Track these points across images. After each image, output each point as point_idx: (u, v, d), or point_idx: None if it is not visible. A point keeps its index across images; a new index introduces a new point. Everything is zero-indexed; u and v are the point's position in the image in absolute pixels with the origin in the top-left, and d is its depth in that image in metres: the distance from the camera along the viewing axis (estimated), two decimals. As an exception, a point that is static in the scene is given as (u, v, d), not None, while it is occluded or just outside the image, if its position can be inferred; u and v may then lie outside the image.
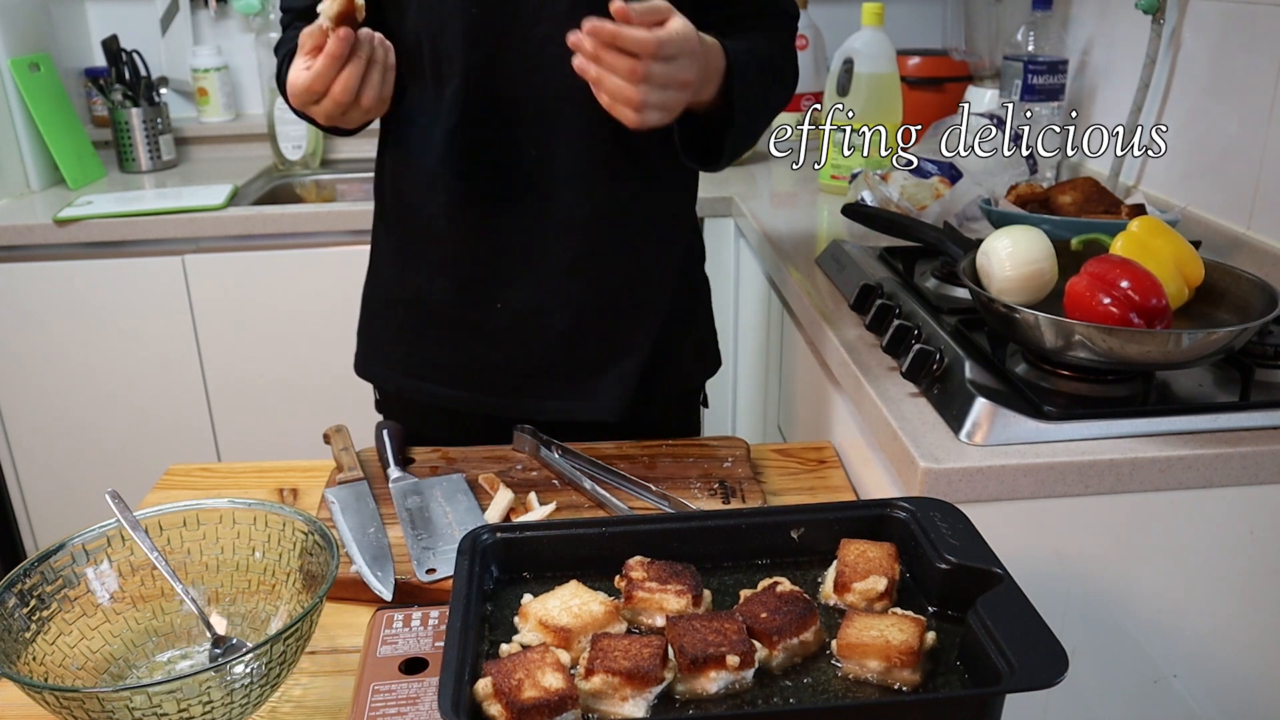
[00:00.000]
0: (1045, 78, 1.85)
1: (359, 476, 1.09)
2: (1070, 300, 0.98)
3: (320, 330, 2.06)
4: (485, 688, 0.62)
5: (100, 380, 2.09)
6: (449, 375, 1.25)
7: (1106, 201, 1.42)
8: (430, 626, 0.82)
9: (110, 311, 2.04)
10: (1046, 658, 0.61)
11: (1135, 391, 1.00)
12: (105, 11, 2.51)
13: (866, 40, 1.86)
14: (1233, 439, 0.95)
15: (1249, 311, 1.03)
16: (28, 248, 1.99)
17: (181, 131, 2.46)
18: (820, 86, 2.27)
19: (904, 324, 1.12)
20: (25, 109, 2.15)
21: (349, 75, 0.98)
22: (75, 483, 2.16)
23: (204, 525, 0.87)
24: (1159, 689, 1.02)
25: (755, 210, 1.85)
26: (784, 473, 1.15)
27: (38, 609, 0.79)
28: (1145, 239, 1.05)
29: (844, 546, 0.75)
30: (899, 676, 0.65)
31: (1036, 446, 0.94)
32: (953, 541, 0.73)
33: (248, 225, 2.01)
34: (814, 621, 0.68)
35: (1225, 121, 1.49)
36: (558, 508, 1.04)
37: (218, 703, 0.71)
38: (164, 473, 1.17)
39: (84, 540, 0.84)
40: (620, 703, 0.62)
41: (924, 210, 1.59)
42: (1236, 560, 0.98)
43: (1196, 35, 1.56)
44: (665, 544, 0.76)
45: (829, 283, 1.40)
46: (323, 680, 0.84)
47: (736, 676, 0.64)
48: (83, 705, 0.68)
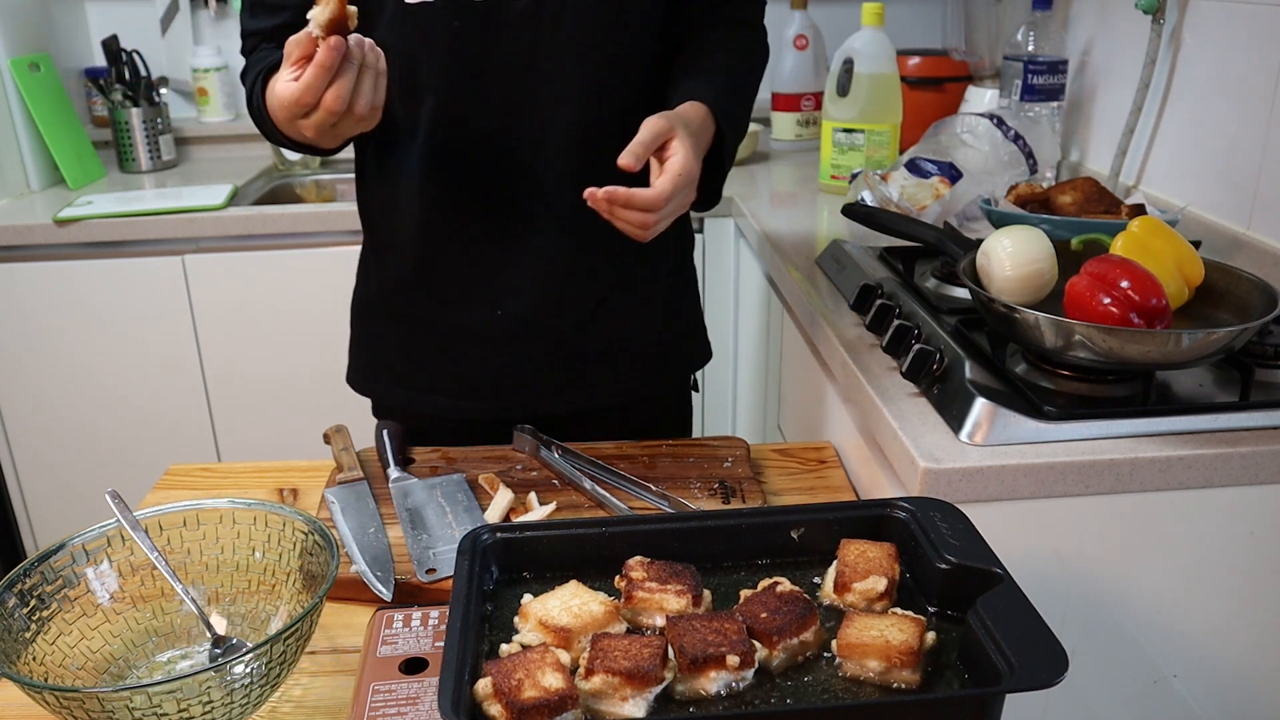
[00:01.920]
0: (1045, 78, 1.85)
1: (359, 476, 1.09)
2: (1070, 300, 0.98)
3: (320, 330, 2.06)
4: (485, 688, 0.62)
5: (100, 380, 2.09)
6: (452, 385, 1.26)
7: (1106, 201, 1.42)
8: (430, 626, 0.82)
9: (110, 311, 2.04)
10: (1046, 658, 0.61)
11: (1135, 391, 1.00)
12: (105, 11, 2.51)
13: (866, 40, 1.86)
14: (1233, 439, 0.95)
15: (1249, 311, 1.03)
16: (28, 248, 1.99)
17: (181, 131, 2.46)
18: (820, 86, 2.27)
19: (904, 324, 1.12)
20: (25, 109, 2.15)
21: (342, 84, 0.92)
22: (75, 483, 2.16)
23: (204, 525, 0.87)
24: (1159, 689, 1.02)
25: (755, 210, 1.85)
26: (784, 473, 1.15)
27: (38, 609, 0.79)
28: (1145, 239, 1.05)
29: (844, 546, 0.75)
30: (899, 676, 0.65)
31: (1036, 446, 0.94)
32: (953, 541, 0.73)
33: (248, 225, 2.01)
34: (814, 621, 0.68)
35: (1225, 121, 1.49)
36: (558, 508, 1.04)
37: (218, 703, 0.71)
38: (164, 473, 1.18)
39: (84, 540, 0.84)
40: (620, 703, 0.62)
41: (924, 210, 1.59)
42: (1236, 560, 0.98)
43: (1196, 35, 1.56)
44: (665, 544, 0.76)
45: (829, 283, 1.40)
46: (323, 680, 0.84)
47: (736, 676, 0.64)
48: (83, 705, 0.68)
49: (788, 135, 2.35)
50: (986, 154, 1.67)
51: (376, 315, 1.29)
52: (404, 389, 1.28)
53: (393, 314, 1.26)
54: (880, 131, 1.88)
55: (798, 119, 2.32)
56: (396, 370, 1.28)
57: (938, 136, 1.73)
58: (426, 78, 1.12)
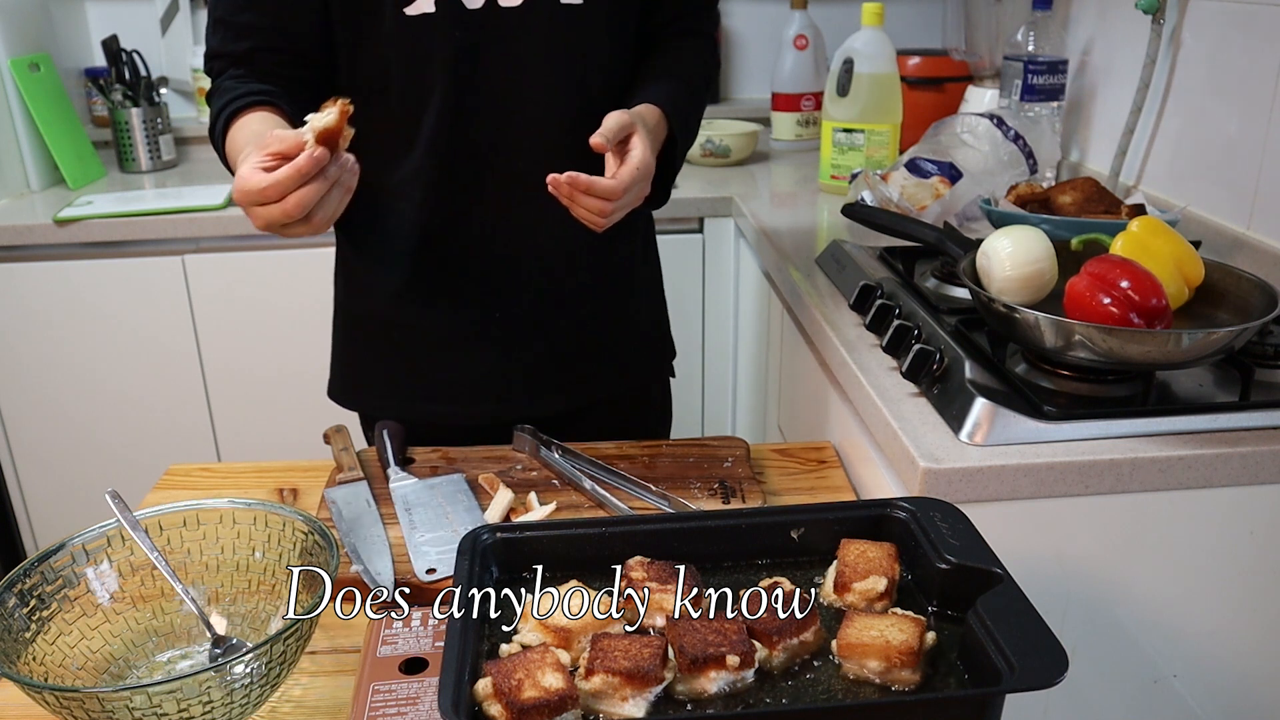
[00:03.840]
0: (1045, 78, 1.85)
1: (359, 476, 1.09)
2: (1070, 300, 0.98)
3: (320, 330, 2.05)
4: (485, 688, 0.62)
5: (100, 380, 2.09)
6: (444, 392, 1.25)
7: (1106, 201, 1.42)
8: (430, 626, 0.82)
9: (110, 311, 2.04)
10: (1046, 658, 0.61)
11: (1135, 391, 1.00)
12: (105, 11, 2.51)
13: (866, 40, 1.86)
14: (1233, 439, 0.95)
15: (1249, 311, 1.03)
16: (28, 248, 1.99)
17: (181, 131, 2.46)
18: (820, 86, 2.27)
19: (904, 324, 1.12)
20: (25, 109, 2.15)
21: (309, 192, 0.86)
22: (75, 483, 2.16)
23: (204, 525, 0.87)
24: (1159, 689, 1.02)
25: (755, 210, 1.85)
26: (784, 473, 1.15)
27: (38, 609, 0.79)
28: (1145, 239, 1.05)
29: (844, 546, 0.75)
30: (899, 676, 0.65)
31: (1036, 446, 0.94)
32: (953, 541, 0.73)
33: (248, 225, 1.99)
34: (814, 621, 0.68)
35: (1225, 121, 1.49)
36: (558, 508, 1.04)
37: (218, 703, 0.71)
38: (164, 473, 1.17)
39: (84, 540, 0.84)
40: (620, 703, 0.62)
41: (924, 210, 1.59)
42: (1236, 560, 0.98)
43: (1196, 35, 1.56)
44: (665, 544, 0.76)
45: (829, 283, 1.40)
46: (323, 680, 0.84)
47: (736, 676, 0.64)
48: (83, 705, 0.68)
49: (788, 135, 2.35)
50: (986, 154, 1.67)
51: (363, 327, 1.28)
52: (395, 400, 1.26)
53: (382, 324, 1.25)
54: (880, 131, 1.88)
55: (798, 119, 2.32)
56: (383, 381, 1.27)
57: (938, 136, 1.73)
58: (430, 87, 1.11)
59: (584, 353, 1.27)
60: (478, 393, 1.25)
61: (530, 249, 1.20)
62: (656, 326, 1.39)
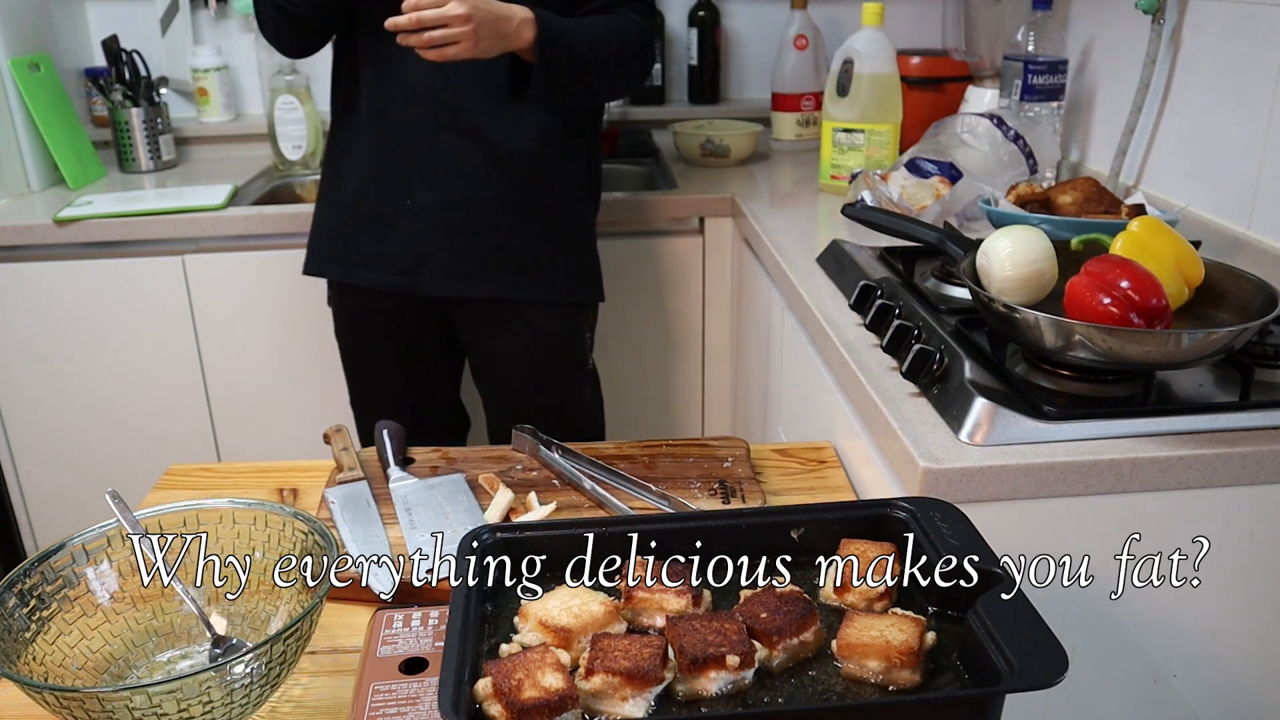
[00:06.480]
0: (1045, 78, 1.85)
1: (359, 476, 1.09)
2: (1070, 300, 0.98)
3: (320, 330, 2.06)
4: (485, 688, 0.62)
5: (100, 380, 2.09)
6: (370, 261, 1.59)
7: (1106, 201, 1.42)
8: (430, 626, 0.82)
9: (110, 311, 2.04)
10: (1046, 658, 0.61)
11: (1135, 391, 1.00)
12: (105, 11, 2.51)
13: (866, 40, 1.86)
14: (1233, 439, 0.95)
15: (1249, 311, 1.03)
16: (28, 248, 1.99)
17: (181, 131, 2.46)
18: (820, 86, 2.27)
19: (904, 324, 1.12)
20: (25, 109, 2.15)
21: None
22: (75, 483, 2.16)
23: (204, 525, 0.87)
24: (1159, 689, 1.02)
25: (755, 210, 1.85)
26: (784, 473, 1.15)
27: (38, 609, 0.79)
28: (1145, 239, 1.05)
29: (844, 546, 0.75)
30: (899, 677, 0.65)
31: (1036, 446, 0.94)
32: (953, 541, 0.73)
33: (248, 225, 2.01)
34: (814, 621, 0.68)
35: (1225, 121, 1.49)
36: (558, 508, 1.04)
37: (218, 703, 0.71)
38: (164, 473, 1.17)
39: (84, 540, 0.84)
40: (620, 703, 0.62)
41: (924, 210, 1.59)
42: (1236, 560, 0.98)
43: (1196, 35, 1.56)
44: (665, 544, 0.76)
45: (829, 283, 1.40)
46: (323, 680, 0.84)
47: (736, 676, 0.64)
48: (83, 705, 0.68)
49: (788, 135, 2.35)
50: (986, 154, 1.67)
51: (325, 205, 1.64)
52: (341, 264, 1.62)
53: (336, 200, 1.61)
54: (880, 131, 1.88)
55: (798, 119, 2.32)
56: (336, 250, 1.62)
57: (938, 136, 1.73)
58: (382, 36, 1.37)
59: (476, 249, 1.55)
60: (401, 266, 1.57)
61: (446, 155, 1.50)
62: (562, 258, 1.61)
